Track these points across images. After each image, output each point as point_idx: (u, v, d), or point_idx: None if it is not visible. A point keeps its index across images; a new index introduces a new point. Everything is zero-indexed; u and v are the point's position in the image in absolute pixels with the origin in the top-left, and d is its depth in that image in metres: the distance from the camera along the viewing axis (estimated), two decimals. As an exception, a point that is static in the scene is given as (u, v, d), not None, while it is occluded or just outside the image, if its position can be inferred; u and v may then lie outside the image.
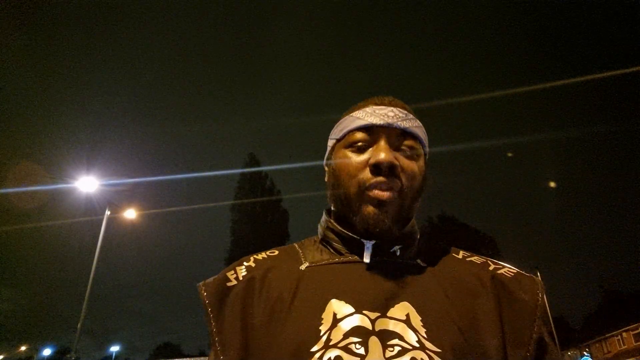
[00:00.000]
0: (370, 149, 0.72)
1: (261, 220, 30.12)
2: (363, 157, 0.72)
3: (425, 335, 0.60)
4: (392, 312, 0.63)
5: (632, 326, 28.80)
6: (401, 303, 0.64)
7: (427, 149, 0.80)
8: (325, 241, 0.78)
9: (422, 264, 0.73)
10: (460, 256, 0.77)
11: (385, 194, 0.69)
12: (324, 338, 0.60)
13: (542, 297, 0.68)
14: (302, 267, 0.73)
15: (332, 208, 0.80)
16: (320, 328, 0.61)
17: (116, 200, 13.86)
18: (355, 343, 0.58)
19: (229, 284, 0.72)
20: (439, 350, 0.58)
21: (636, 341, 28.52)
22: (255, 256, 0.79)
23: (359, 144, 0.73)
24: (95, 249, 12.35)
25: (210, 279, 0.75)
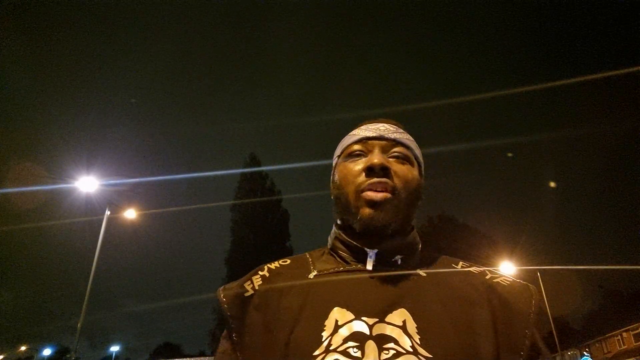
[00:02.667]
0: (365, 158, 0.80)
1: (261, 220, 30.11)
2: (359, 165, 0.79)
3: (418, 342, 0.64)
4: (389, 318, 0.66)
5: (632, 326, 28.81)
6: (399, 310, 0.68)
7: (421, 161, 0.87)
8: (333, 250, 0.84)
9: (422, 273, 0.76)
10: (459, 266, 0.81)
11: (378, 195, 0.74)
12: (325, 343, 0.65)
13: (537, 305, 0.71)
14: (311, 275, 0.79)
15: (339, 221, 0.85)
16: (322, 334, 0.66)
17: (116, 200, 13.89)
18: (352, 347, 0.63)
19: (246, 294, 0.78)
20: (430, 356, 0.62)
21: (636, 341, 28.54)
22: (269, 265, 0.85)
23: (356, 155, 0.82)
24: (95, 249, 12.37)
25: (228, 286, 0.81)
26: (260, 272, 0.82)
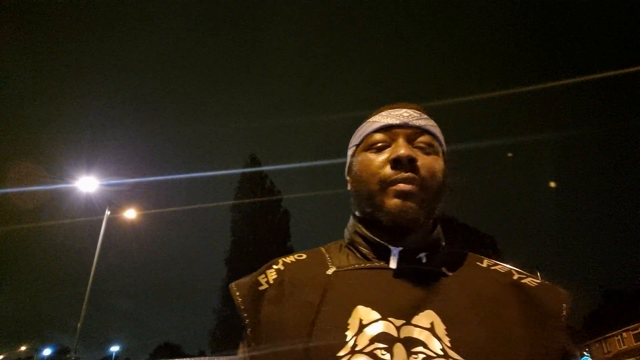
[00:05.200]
0: (389, 148, 0.74)
1: (261, 220, 30.09)
2: (383, 156, 0.74)
3: (449, 345, 0.60)
4: (416, 320, 0.63)
5: (632, 326, 28.80)
6: (426, 311, 0.64)
7: (445, 148, 0.80)
8: (352, 245, 0.79)
9: (447, 272, 0.72)
10: (484, 265, 0.77)
11: (407, 187, 0.70)
12: (350, 343, 0.60)
13: (568, 307, 0.68)
14: (329, 271, 0.73)
15: (357, 214, 0.80)
16: (346, 333, 0.62)
17: (116, 200, 13.89)
18: (380, 349, 0.59)
19: (260, 287, 0.73)
20: (462, 359, 0.58)
21: (636, 341, 28.52)
22: (284, 259, 0.80)
23: (378, 144, 0.75)
24: (95, 249, 12.37)
25: (242, 280, 0.77)
26: (275, 266, 0.78)
